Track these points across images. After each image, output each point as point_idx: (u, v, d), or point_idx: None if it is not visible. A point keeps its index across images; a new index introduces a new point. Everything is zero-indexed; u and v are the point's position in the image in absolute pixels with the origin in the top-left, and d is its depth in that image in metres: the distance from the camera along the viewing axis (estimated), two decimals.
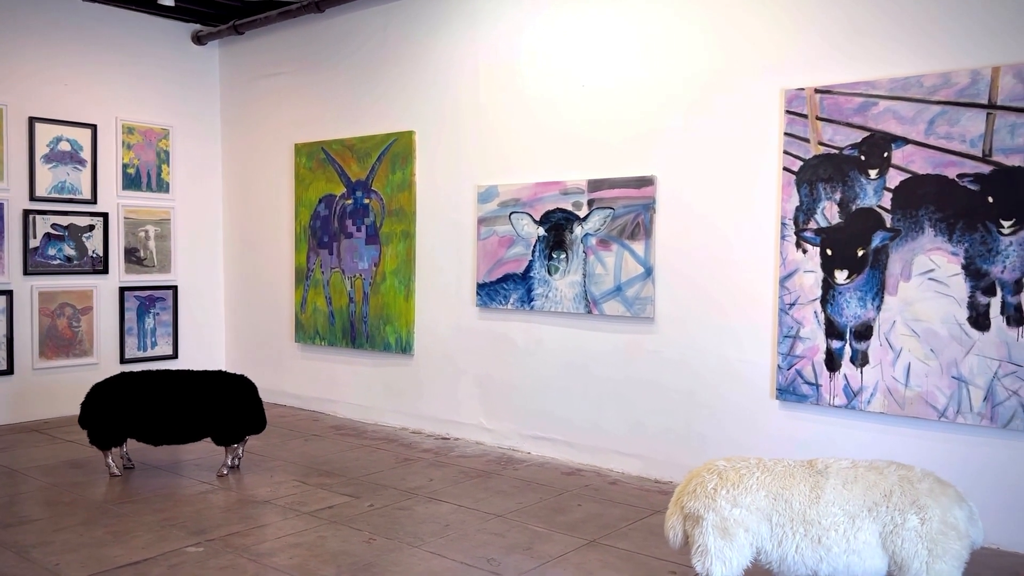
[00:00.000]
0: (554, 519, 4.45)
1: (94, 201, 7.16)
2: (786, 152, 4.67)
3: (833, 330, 4.53)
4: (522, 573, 3.73)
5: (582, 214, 5.50)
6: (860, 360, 4.45)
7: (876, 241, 4.38)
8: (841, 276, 4.50)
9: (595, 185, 5.44)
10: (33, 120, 6.81)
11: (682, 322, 5.15)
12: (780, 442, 4.71)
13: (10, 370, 6.72)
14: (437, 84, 6.35)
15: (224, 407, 5.10)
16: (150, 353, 7.54)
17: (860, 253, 4.43)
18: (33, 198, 6.82)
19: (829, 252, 4.53)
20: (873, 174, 4.38)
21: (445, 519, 4.45)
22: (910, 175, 4.26)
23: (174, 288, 7.70)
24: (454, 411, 6.33)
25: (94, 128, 7.15)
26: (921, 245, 4.24)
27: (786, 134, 4.66)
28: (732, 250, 4.93)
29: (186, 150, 7.82)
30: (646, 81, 5.26)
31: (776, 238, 4.74)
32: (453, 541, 4.11)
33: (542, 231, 5.70)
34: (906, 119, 4.27)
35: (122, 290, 7.35)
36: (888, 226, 4.34)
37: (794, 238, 4.65)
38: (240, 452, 5.34)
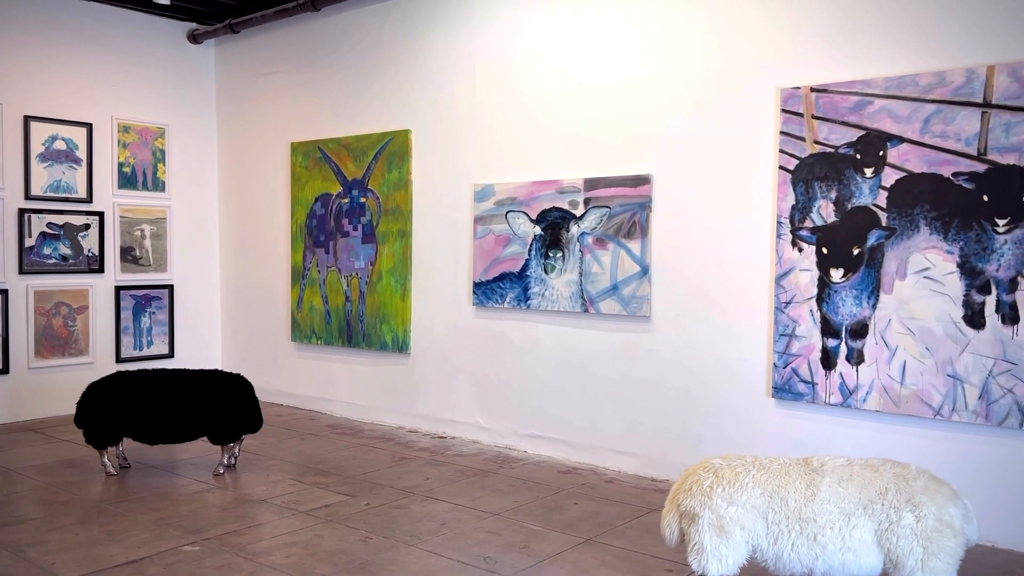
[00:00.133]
0: (550, 517, 4.45)
1: (90, 200, 7.15)
2: (782, 151, 4.67)
3: (829, 328, 4.54)
4: (518, 571, 3.73)
5: (578, 213, 5.50)
6: (856, 358, 4.45)
7: (872, 240, 4.39)
8: (837, 274, 4.51)
9: (591, 184, 5.44)
10: (28, 119, 6.79)
11: (678, 321, 5.15)
12: (776, 440, 4.72)
13: (6, 369, 6.71)
14: (433, 83, 6.34)
15: (220, 406, 5.10)
16: (146, 352, 7.53)
17: (856, 252, 4.44)
18: (28, 197, 6.81)
19: (825, 251, 4.54)
20: (869, 173, 4.39)
21: (441, 518, 4.45)
22: (905, 174, 4.27)
23: (170, 287, 7.69)
24: (450, 410, 6.33)
25: (89, 127, 7.14)
26: (916, 243, 4.25)
27: (782, 133, 4.67)
28: (728, 249, 4.94)
29: (182, 149, 7.81)
30: (642, 80, 5.26)
31: (772, 237, 4.75)
32: (449, 540, 4.11)
33: (538, 230, 5.70)
34: (901, 118, 4.28)
35: (118, 289, 7.34)
36: (883, 225, 4.35)
37: (790, 236, 4.66)
38: (236, 451, 5.34)
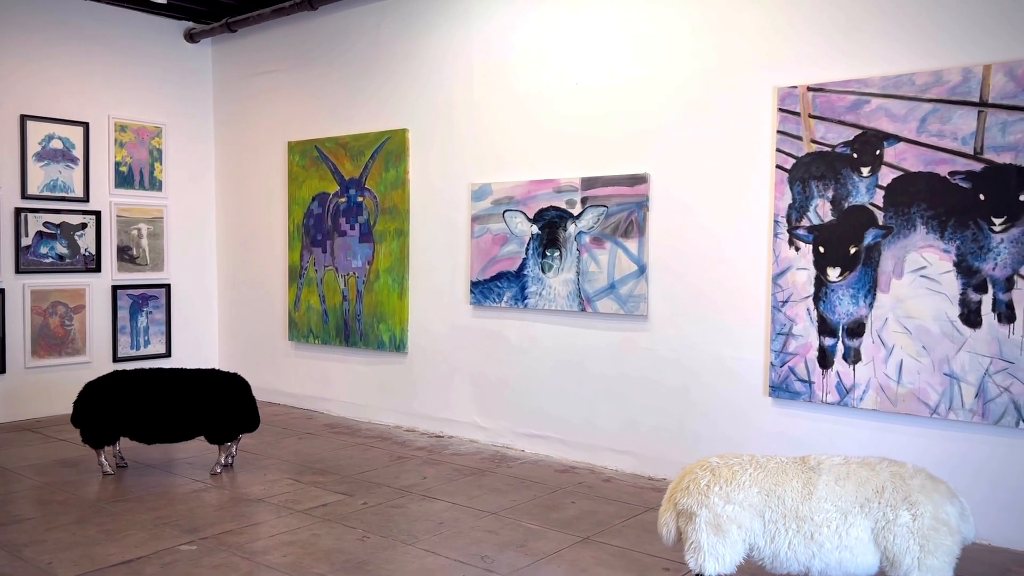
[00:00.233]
0: (548, 516, 4.46)
1: (86, 199, 7.14)
2: (779, 150, 4.68)
3: (826, 327, 4.54)
4: (516, 570, 3.74)
5: (576, 212, 5.50)
6: (852, 357, 4.46)
7: (868, 238, 4.39)
8: (834, 273, 4.51)
9: (589, 183, 5.44)
10: (25, 118, 6.78)
11: (675, 320, 5.16)
12: (773, 439, 4.73)
13: (2, 369, 6.70)
14: (431, 82, 6.34)
15: (217, 405, 5.09)
16: (143, 352, 7.52)
17: (852, 250, 4.45)
18: (25, 196, 6.80)
19: (822, 249, 4.54)
20: (865, 172, 4.39)
21: (439, 517, 4.45)
22: (902, 173, 4.28)
23: (167, 286, 7.68)
24: (448, 409, 6.33)
25: (86, 126, 7.13)
26: (913, 242, 4.26)
27: (779, 132, 4.67)
28: (725, 248, 4.94)
29: (179, 148, 7.80)
30: (639, 79, 5.26)
31: (769, 235, 4.75)
32: (447, 539, 4.11)
33: (536, 229, 5.71)
34: (898, 117, 4.28)
35: (115, 288, 7.33)
36: (880, 223, 4.35)
37: (787, 235, 4.66)
38: (233, 450, 5.34)
